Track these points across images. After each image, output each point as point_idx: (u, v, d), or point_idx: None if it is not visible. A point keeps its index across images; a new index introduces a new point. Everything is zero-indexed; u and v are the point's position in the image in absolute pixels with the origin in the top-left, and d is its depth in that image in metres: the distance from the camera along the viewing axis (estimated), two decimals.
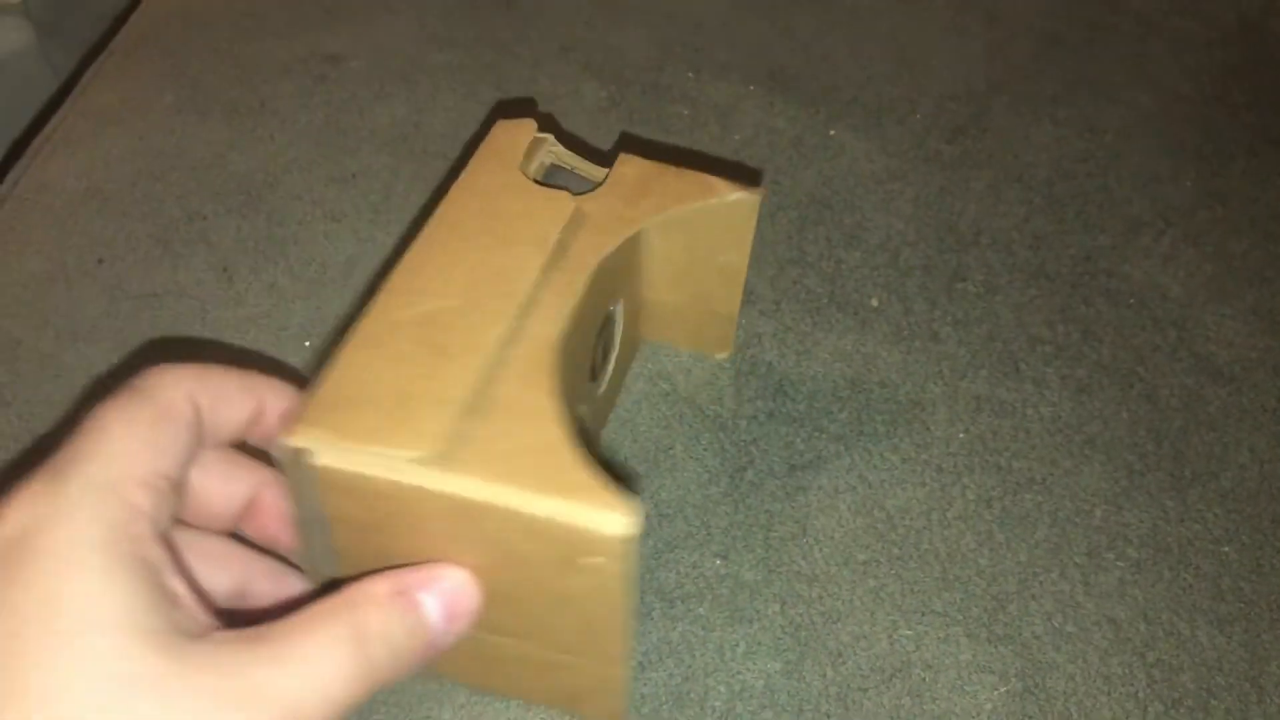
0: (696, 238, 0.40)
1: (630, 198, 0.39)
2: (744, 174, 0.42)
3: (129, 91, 0.60)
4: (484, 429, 0.29)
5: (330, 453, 0.28)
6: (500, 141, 0.40)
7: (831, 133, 0.58)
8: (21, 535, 0.24)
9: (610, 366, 0.43)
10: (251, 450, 0.33)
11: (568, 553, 0.28)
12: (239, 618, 0.27)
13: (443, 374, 0.31)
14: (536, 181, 0.39)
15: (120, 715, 0.22)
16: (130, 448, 0.26)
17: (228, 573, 0.32)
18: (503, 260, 0.35)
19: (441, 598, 0.29)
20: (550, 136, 0.41)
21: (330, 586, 0.29)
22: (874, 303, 0.49)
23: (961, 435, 0.45)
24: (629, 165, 0.40)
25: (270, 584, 0.33)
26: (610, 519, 0.27)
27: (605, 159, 0.41)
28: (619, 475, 0.42)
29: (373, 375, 0.31)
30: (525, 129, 0.40)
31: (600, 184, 0.40)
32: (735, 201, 0.39)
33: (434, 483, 0.28)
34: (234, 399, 0.30)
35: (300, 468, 0.29)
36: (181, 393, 0.29)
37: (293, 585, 0.33)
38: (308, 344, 0.46)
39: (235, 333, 0.47)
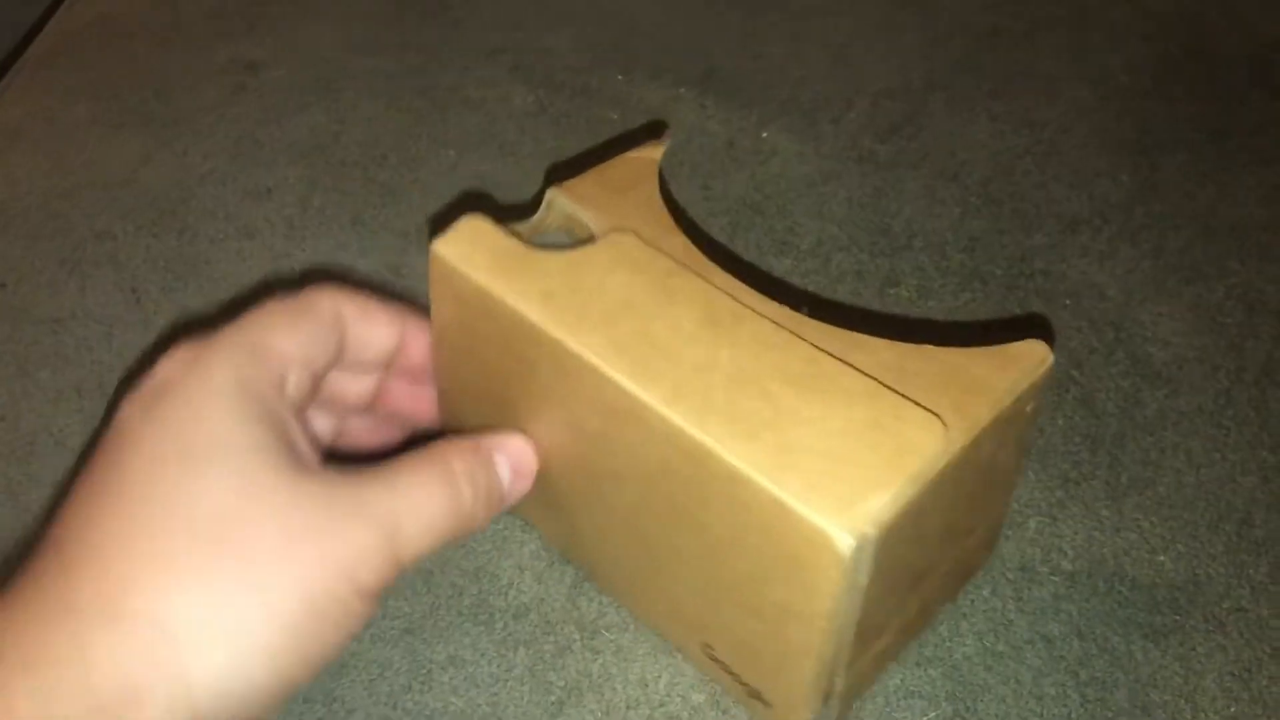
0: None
1: (627, 206, 0.37)
2: (642, 138, 0.41)
3: (40, 106, 0.59)
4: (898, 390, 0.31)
5: (878, 516, 0.28)
6: (482, 257, 0.34)
7: (764, 135, 0.57)
8: (166, 381, 0.28)
9: None
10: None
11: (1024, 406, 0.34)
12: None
13: (837, 387, 0.31)
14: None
15: (244, 521, 0.26)
16: (277, 330, 0.30)
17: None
18: (680, 304, 0.33)
19: (509, 457, 0.33)
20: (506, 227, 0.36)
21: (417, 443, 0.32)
22: (804, 310, 0.48)
23: None
24: (577, 187, 0.38)
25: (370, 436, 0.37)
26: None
27: (522, 211, 0.38)
28: None
29: (796, 442, 0.30)
30: (483, 230, 0.35)
31: (565, 230, 0.38)
32: (662, 154, 0.40)
33: (958, 443, 0.30)
34: (379, 322, 0.34)
35: (866, 555, 0.28)
36: (330, 303, 0.32)
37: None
38: None
39: (142, 357, 0.45)
